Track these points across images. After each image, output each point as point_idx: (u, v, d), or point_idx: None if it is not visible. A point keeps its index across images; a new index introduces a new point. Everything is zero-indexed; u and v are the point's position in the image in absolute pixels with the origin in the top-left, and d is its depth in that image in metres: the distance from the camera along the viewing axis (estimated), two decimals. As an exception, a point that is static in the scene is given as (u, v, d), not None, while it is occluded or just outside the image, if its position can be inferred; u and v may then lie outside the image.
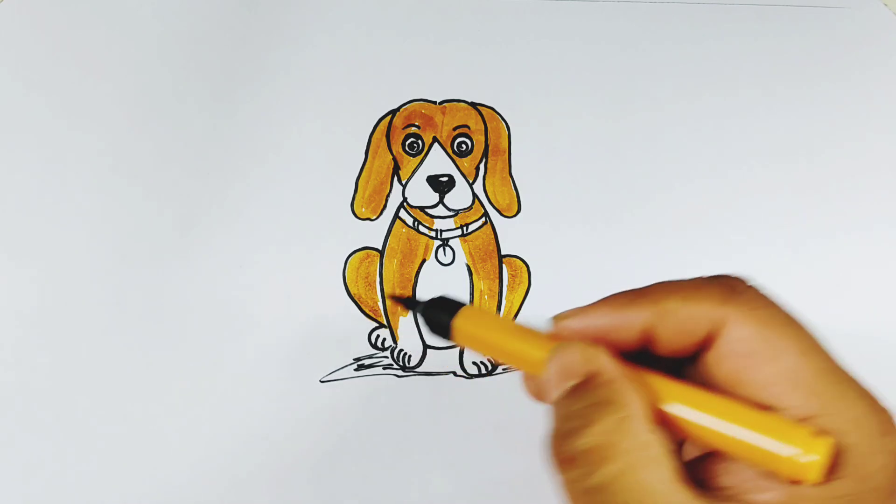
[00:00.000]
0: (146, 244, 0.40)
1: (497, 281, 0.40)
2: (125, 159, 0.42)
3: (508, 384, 0.39)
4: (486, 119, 0.44)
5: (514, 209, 0.42)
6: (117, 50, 0.45)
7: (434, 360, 0.39)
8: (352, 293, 0.40)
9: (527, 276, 0.41)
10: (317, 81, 0.45)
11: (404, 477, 0.36)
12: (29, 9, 0.46)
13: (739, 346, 0.20)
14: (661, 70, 0.46)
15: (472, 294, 0.40)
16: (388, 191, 0.42)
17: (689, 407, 0.21)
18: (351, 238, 0.41)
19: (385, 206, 0.41)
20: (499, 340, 0.25)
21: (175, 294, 0.39)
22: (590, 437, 0.20)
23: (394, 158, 0.42)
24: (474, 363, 0.39)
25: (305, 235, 0.41)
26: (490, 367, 0.39)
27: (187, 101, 0.44)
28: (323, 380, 0.38)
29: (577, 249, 0.41)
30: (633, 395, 0.21)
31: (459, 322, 0.25)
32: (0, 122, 0.43)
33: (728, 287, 0.21)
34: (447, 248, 0.41)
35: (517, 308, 0.40)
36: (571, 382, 0.22)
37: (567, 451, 0.21)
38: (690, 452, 0.24)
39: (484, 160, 0.43)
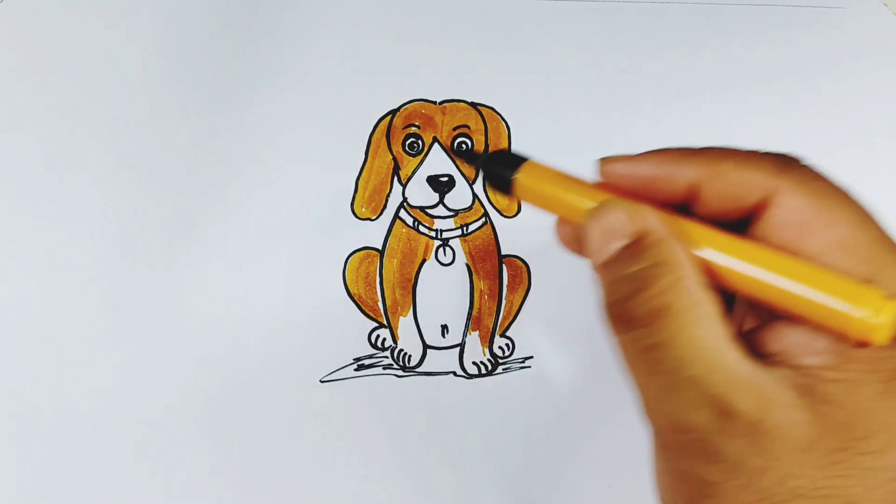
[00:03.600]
0: (146, 244, 0.40)
1: (497, 281, 0.40)
2: (125, 159, 0.42)
3: (508, 384, 0.39)
4: (486, 119, 0.44)
5: (514, 209, 0.42)
6: (117, 50, 0.45)
7: (434, 360, 0.39)
8: (352, 293, 0.40)
9: (527, 276, 0.41)
10: (317, 81, 0.45)
11: (404, 477, 0.36)
12: (29, 9, 0.46)
13: (793, 215, 0.20)
14: (661, 70, 0.46)
15: (472, 294, 0.40)
16: (388, 191, 0.42)
17: (747, 262, 0.20)
18: (351, 238, 0.41)
19: (385, 206, 0.42)
20: (556, 193, 0.25)
21: (175, 294, 0.39)
22: (647, 300, 0.20)
23: (394, 158, 0.43)
24: (474, 363, 0.39)
25: (305, 235, 0.41)
26: (490, 367, 0.39)
27: (187, 100, 0.44)
28: (323, 380, 0.38)
29: (577, 249, 0.41)
30: (684, 253, 0.21)
31: (522, 177, 0.26)
32: (0, 122, 0.43)
33: (782, 160, 0.21)
34: (447, 248, 0.41)
35: (517, 308, 0.40)
36: (619, 243, 0.22)
37: (625, 314, 0.21)
38: (740, 325, 0.24)
39: (484, 160, 0.43)
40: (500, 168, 0.27)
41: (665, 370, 0.20)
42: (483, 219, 0.41)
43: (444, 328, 0.40)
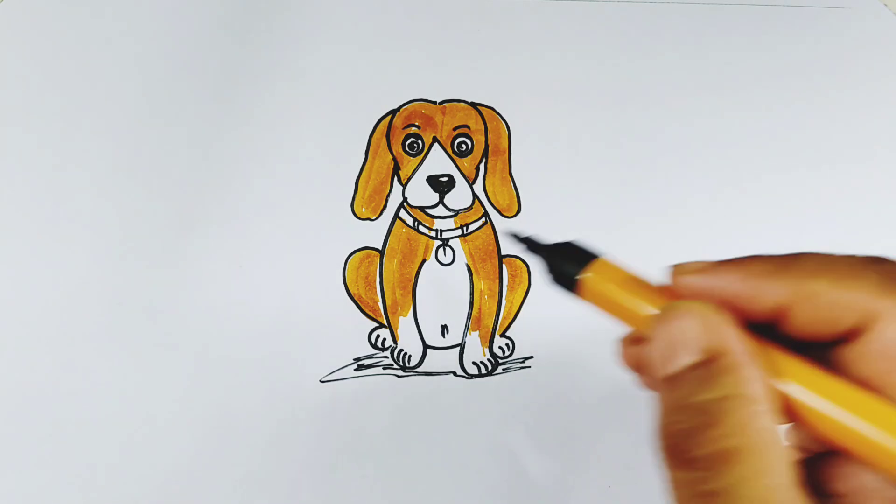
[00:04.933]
0: (146, 244, 0.40)
1: (497, 281, 0.40)
2: (125, 159, 0.42)
3: (508, 384, 0.39)
4: (486, 119, 0.44)
5: (514, 209, 0.42)
6: (117, 50, 0.45)
7: (434, 360, 0.39)
8: (352, 293, 0.40)
9: (527, 276, 0.41)
10: (317, 82, 0.45)
11: (404, 477, 0.36)
12: (29, 9, 0.46)
13: (892, 346, 0.18)
14: (660, 70, 0.46)
15: (472, 294, 0.40)
16: (388, 191, 0.42)
17: (834, 404, 0.18)
18: (351, 238, 0.41)
19: (385, 206, 0.41)
20: (629, 302, 0.21)
21: (175, 294, 0.39)
22: (714, 440, 0.17)
23: (394, 158, 0.42)
24: (474, 363, 0.39)
25: (305, 235, 0.41)
26: (490, 368, 0.39)
27: (187, 101, 0.44)
28: (323, 380, 0.38)
29: (577, 249, 0.41)
30: (761, 384, 0.18)
31: (591, 278, 0.22)
32: (0, 122, 0.43)
33: (888, 275, 0.18)
34: (447, 248, 0.41)
35: (517, 308, 0.40)
36: (688, 359, 0.19)
37: (685, 451, 0.18)
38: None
39: (484, 160, 0.43)
40: (566, 264, 0.24)
41: None
42: (483, 219, 0.41)
43: (444, 328, 0.40)
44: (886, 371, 0.18)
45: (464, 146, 0.43)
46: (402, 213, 0.41)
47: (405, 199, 0.42)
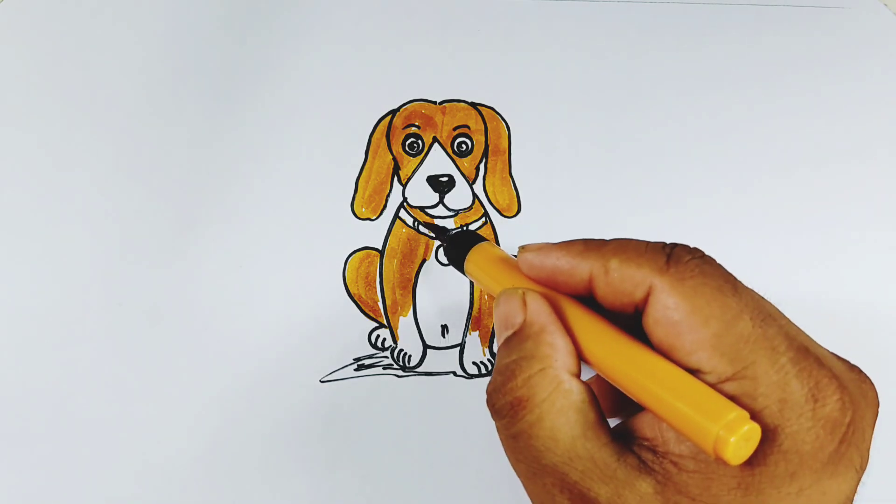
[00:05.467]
0: (146, 244, 0.40)
1: (497, 281, 0.40)
2: (125, 159, 0.42)
3: (508, 384, 0.39)
4: (486, 119, 0.44)
5: (514, 209, 0.42)
6: (117, 50, 0.45)
7: (434, 360, 0.39)
8: (352, 293, 0.40)
9: (527, 276, 0.41)
10: (317, 81, 0.45)
11: (404, 477, 0.36)
12: (29, 9, 0.46)
13: (667, 314, 0.21)
14: (660, 70, 0.46)
15: (471, 294, 0.40)
16: (388, 191, 0.42)
17: (621, 359, 0.21)
18: (351, 238, 0.41)
19: (385, 206, 0.42)
20: (490, 276, 0.27)
21: (175, 294, 0.39)
22: (509, 392, 0.22)
23: (394, 158, 0.43)
24: (474, 363, 0.39)
25: (305, 235, 0.41)
26: (490, 367, 0.39)
27: (187, 101, 0.44)
28: (323, 380, 0.38)
29: (577, 249, 0.41)
30: (557, 344, 0.22)
31: (469, 257, 0.27)
32: (0, 122, 0.43)
33: (667, 256, 0.22)
34: (447, 248, 0.41)
35: (517, 308, 0.40)
36: (508, 332, 0.23)
37: (493, 404, 0.23)
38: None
39: (484, 160, 0.43)
40: (457, 248, 0.28)
41: (527, 457, 0.22)
42: (483, 219, 0.41)
43: (444, 328, 0.40)
44: (666, 335, 0.21)
45: (464, 146, 0.43)
46: (402, 213, 0.41)
47: (405, 199, 0.42)
